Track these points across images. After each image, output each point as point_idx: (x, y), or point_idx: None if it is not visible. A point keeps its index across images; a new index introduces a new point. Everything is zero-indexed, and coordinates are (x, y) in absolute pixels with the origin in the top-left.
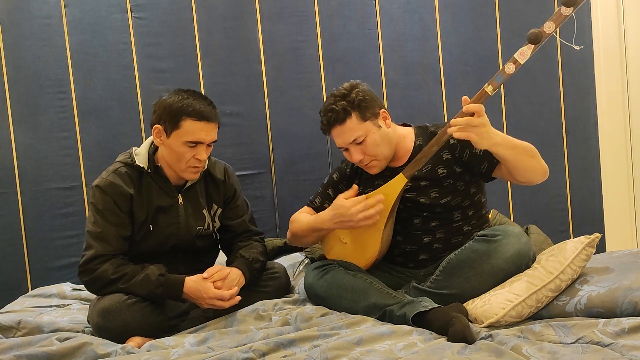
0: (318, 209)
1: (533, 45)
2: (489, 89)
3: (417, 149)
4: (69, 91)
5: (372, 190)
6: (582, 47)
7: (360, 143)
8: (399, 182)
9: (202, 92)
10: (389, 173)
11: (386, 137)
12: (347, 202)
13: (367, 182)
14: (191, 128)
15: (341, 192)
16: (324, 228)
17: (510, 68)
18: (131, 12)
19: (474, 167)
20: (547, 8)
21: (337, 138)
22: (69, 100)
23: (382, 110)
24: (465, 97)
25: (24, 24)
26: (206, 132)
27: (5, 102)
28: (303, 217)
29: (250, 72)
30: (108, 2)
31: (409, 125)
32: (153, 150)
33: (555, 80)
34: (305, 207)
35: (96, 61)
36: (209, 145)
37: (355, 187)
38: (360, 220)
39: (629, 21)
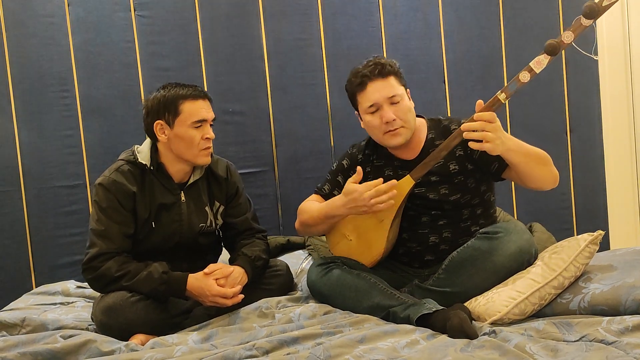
0: (327, 196)
1: (550, 56)
2: (502, 96)
3: (428, 142)
4: (73, 89)
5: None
6: (598, 58)
7: (395, 104)
8: (406, 184)
9: (206, 90)
10: (399, 164)
11: (413, 112)
12: (360, 186)
13: (377, 170)
14: (192, 108)
15: None
16: (337, 214)
17: (525, 77)
18: (135, 10)
19: (484, 166)
20: (551, 6)
21: (375, 93)
22: (73, 98)
23: (408, 90)
24: (479, 101)
25: (27, 23)
26: (205, 109)
27: (9, 100)
28: (313, 206)
29: (254, 70)
30: (111, 1)
31: (422, 117)
32: (155, 147)
33: (559, 79)
34: (314, 194)
35: (100, 59)
36: (211, 124)
37: (360, 170)
38: (373, 206)
39: (634, 19)
